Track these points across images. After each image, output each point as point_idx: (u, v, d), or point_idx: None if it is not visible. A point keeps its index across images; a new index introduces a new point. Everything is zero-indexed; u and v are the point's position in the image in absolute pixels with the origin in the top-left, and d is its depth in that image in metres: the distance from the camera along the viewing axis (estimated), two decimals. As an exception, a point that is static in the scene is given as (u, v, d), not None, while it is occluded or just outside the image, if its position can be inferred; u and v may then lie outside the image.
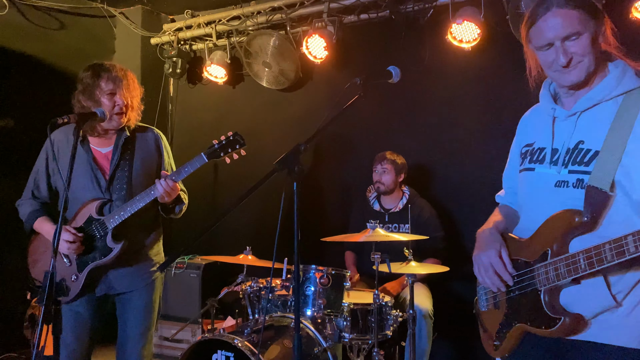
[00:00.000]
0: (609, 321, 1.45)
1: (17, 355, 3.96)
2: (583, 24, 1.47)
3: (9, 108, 4.16)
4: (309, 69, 4.57)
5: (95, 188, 2.52)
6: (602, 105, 1.51)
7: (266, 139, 4.85)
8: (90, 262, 2.46)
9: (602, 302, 1.44)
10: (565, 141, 1.55)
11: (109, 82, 2.50)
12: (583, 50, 1.49)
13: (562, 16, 1.48)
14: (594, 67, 1.51)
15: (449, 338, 3.91)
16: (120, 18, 4.96)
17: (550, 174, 1.56)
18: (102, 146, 2.60)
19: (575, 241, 1.46)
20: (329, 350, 2.83)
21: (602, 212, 1.44)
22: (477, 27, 3.67)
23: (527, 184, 1.67)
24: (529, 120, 1.80)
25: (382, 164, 3.74)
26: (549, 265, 1.48)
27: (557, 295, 1.48)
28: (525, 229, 1.64)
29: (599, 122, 1.49)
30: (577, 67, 1.51)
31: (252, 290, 3.14)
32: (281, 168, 1.76)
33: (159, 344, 4.45)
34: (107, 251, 2.46)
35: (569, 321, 1.43)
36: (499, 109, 3.90)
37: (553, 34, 1.49)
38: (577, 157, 1.51)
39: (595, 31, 1.49)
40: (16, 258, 4.08)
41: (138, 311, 2.61)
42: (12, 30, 4.24)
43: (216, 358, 2.70)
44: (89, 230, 2.48)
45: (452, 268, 3.16)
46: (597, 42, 1.50)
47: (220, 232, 4.76)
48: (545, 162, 1.60)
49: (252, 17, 4.56)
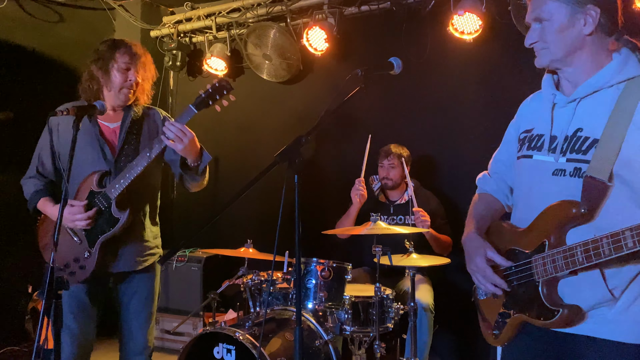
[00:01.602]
0: (605, 316, 1.44)
1: (18, 348, 3.97)
2: (551, 10, 1.49)
3: (10, 101, 4.14)
4: (309, 61, 4.55)
5: (102, 162, 2.46)
6: (602, 92, 1.48)
7: (266, 132, 4.85)
8: (100, 235, 2.40)
9: (597, 295, 1.43)
10: (564, 128, 1.53)
11: (125, 55, 2.46)
12: (546, 37, 1.51)
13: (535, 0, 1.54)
14: (563, 55, 1.51)
15: (450, 331, 3.91)
16: (120, 10, 4.94)
17: (548, 162, 1.54)
18: (110, 121, 2.54)
19: (572, 232, 1.45)
20: (330, 343, 2.84)
21: (599, 203, 1.42)
22: (478, 19, 3.64)
23: (524, 172, 1.65)
24: (530, 105, 1.77)
25: (389, 159, 3.70)
26: (546, 257, 1.47)
27: (555, 286, 1.47)
28: (523, 218, 1.62)
29: (599, 109, 1.46)
30: (539, 54, 1.56)
31: (253, 283, 3.14)
32: (282, 160, 1.75)
33: (160, 337, 4.46)
34: (114, 221, 2.40)
35: (567, 313, 1.43)
36: (500, 100, 3.88)
37: (528, 16, 1.57)
38: (575, 145, 1.48)
39: (573, 20, 1.48)
40: (18, 252, 4.10)
41: (140, 297, 2.58)
42: (10, 23, 4.22)
43: (217, 351, 2.71)
44: (93, 204, 2.41)
45: (453, 260, 3.16)
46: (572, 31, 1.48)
47: (221, 225, 4.75)
48: (543, 149, 1.57)
49: (252, 9, 4.53)
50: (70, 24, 4.67)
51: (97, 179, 2.43)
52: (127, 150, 2.49)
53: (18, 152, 4.17)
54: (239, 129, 4.95)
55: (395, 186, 3.75)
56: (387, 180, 3.73)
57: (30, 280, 4.01)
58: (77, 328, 2.45)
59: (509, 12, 3.56)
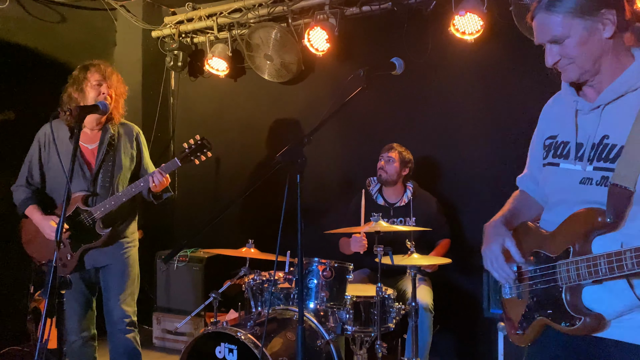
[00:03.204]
0: (634, 320, 1.42)
1: (20, 348, 3.97)
2: (567, 28, 1.45)
3: (10, 101, 4.15)
4: (310, 61, 4.56)
5: (81, 180, 2.89)
6: (627, 97, 1.45)
7: (268, 132, 4.85)
8: (83, 244, 2.88)
9: (626, 302, 1.41)
10: (590, 136, 1.49)
11: (96, 74, 2.85)
12: (569, 54, 1.48)
13: (544, 21, 1.49)
14: (591, 65, 1.47)
15: (451, 331, 3.92)
16: (121, 11, 4.94)
17: (576, 171, 1.52)
18: (89, 142, 2.95)
19: (598, 240, 1.43)
20: (332, 343, 2.84)
21: (625, 211, 1.39)
22: (480, 19, 3.64)
23: (551, 180, 1.63)
24: (552, 109, 1.73)
25: (389, 153, 3.70)
26: (570, 263, 1.45)
27: (579, 293, 1.45)
28: (550, 221, 1.61)
29: (624, 115, 1.43)
30: (566, 70, 1.52)
31: (254, 283, 3.15)
32: (284, 161, 1.75)
33: (161, 336, 4.47)
34: (97, 236, 2.89)
35: (589, 321, 1.42)
36: (501, 100, 3.89)
37: (539, 38, 1.53)
38: (602, 153, 1.46)
39: (591, 30, 1.44)
40: (19, 251, 4.10)
41: (118, 277, 3.01)
42: (12, 24, 4.23)
43: (219, 351, 2.71)
44: (78, 219, 2.87)
45: (454, 261, 3.17)
46: (594, 39, 1.45)
47: (223, 225, 4.75)
48: (570, 157, 1.54)
49: (254, 10, 4.53)
50: (72, 24, 4.67)
51: (83, 199, 2.87)
52: (104, 168, 2.93)
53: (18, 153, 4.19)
54: (240, 129, 4.95)
55: (389, 181, 3.72)
56: (382, 172, 3.70)
57: (32, 280, 4.01)
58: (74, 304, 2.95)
59: (510, 13, 3.56)
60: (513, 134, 3.82)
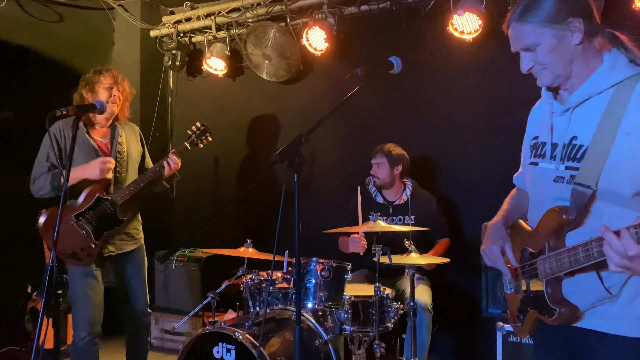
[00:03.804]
0: (608, 311, 1.51)
1: (18, 348, 3.96)
2: (538, 37, 1.55)
3: (8, 101, 4.14)
4: (309, 61, 4.55)
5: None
6: (593, 99, 1.54)
7: (266, 132, 4.85)
8: (106, 231, 3.07)
9: (596, 294, 1.50)
10: (562, 136, 1.60)
11: (108, 78, 3.11)
12: (541, 60, 1.57)
13: (517, 31, 1.60)
14: (563, 70, 1.56)
15: (449, 330, 3.91)
16: (119, 10, 4.93)
17: (550, 169, 1.62)
18: (102, 137, 3.19)
19: (570, 235, 1.53)
20: (330, 343, 2.83)
21: (588, 208, 1.49)
22: (478, 18, 3.64)
23: (531, 178, 1.74)
24: (537, 112, 1.83)
25: (376, 158, 3.71)
26: (546, 259, 1.55)
27: (558, 286, 1.55)
28: (533, 220, 1.72)
29: (591, 116, 1.52)
30: (540, 75, 1.61)
31: (253, 283, 3.14)
32: (282, 160, 1.75)
33: (159, 336, 4.46)
34: (118, 222, 3.12)
35: (564, 312, 1.52)
36: (499, 100, 3.89)
37: (514, 46, 1.64)
38: (571, 153, 1.55)
39: (560, 37, 1.53)
40: (17, 251, 4.09)
41: (136, 267, 3.27)
42: (10, 23, 4.22)
43: (217, 351, 2.71)
44: (100, 207, 3.05)
45: (452, 261, 3.16)
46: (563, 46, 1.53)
47: (221, 224, 4.75)
48: (546, 157, 1.65)
49: (252, 9, 4.53)
50: (70, 24, 4.66)
51: (103, 186, 3.06)
52: (119, 158, 3.17)
53: (17, 152, 4.19)
54: (238, 128, 4.95)
55: (384, 185, 3.73)
56: (375, 179, 3.73)
57: (30, 280, 4.01)
58: (93, 295, 3.07)
59: (508, 12, 3.55)
60: (512, 133, 3.81)
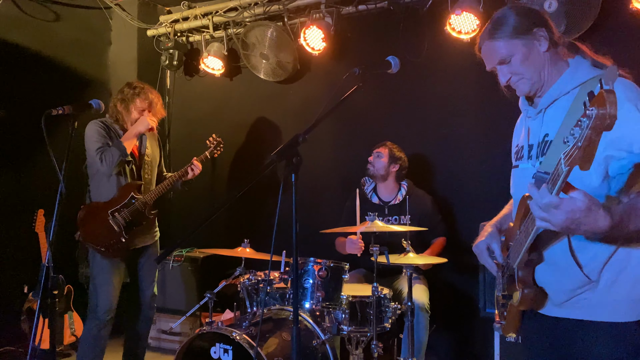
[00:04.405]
0: (590, 299, 1.55)
1: (14, 349, 3.95)
2: (509, 49, 1.65)
3: (4, 100, 4.12)
4: (306, 60, 4.55)
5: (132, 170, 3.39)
6: (561, 99, 1.64)
7: (264, 131, 4.84)
8: (135, 227, 3.37)
9: (575, 280, 1.55)
10: (536, 136, 1.70)
11: (145, 102, 3.37)
12: (517, 70, 1.67)
13: (489, 48, 1.71)
14: (538, 76, 1.67)
15: (447, 330, 3.91)
16: (116, 9, 4.92)
17: (528, 168, 1.71)
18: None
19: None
20: (328, 343, 2.83)
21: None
22: (476, 18, 3.64)
23: (513, 180, 1.85)
24: (518, 123, 1.97)
25: (379, 148, 3.75)
26: (514, 245, 1.62)
27: (530, 271, 1.60)
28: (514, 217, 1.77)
29: (558, 114, 1.61)
30: (518, 85, 1.71)
31: (250, 283, 3.14)
32: (279, 159, 1.74)
33: (157, 336, 4.45)
34: (146, 219, 3.44)
35: (527, 292, 1.57)
36: (496, 100, 3.86)
37: (489, 63, 1.75)
38: (543, 149, 1.64)
39: (530, 46, 1.64)
40: (13, 252, 4.08)
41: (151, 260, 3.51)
42: (7, 22, 4.20)
43: (214, 351, 2.70)
44: (132, 206, 3.33)
45: (450, 260, 3.16)
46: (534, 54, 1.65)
47: (218, 224, 4.74)
48: (524, 158, 1.75)
49: (249, 9, 4.52)
50: (67, 23, 4.64)
51: (137, 187, 3.38)
52: (146, 162, 3.49)
53: (12, 151, 4.18)
54: (236, 128, 4.93)
55: (376, 176, 3.75)
56: (370, 166, 3.75)
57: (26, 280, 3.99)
58: (114, 284, 3.33)
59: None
60: (508, 133, 3.81)
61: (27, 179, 4.18)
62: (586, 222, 1.28)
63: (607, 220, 1.29)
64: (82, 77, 4.77)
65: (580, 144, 1.15)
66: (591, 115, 1.12)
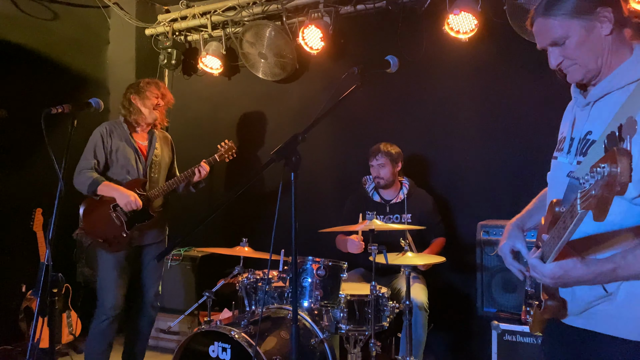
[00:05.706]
0: (607, 311, 1.45)
1: (12, 348, 3.95)
2: (566, 29, 1.47)
3: (3, 99, 4.11)
4: (305, 59, 4.55)
5: (138, 168, 3.46)
6: (614, 94, 1.47)
7: (262, 131, 4.84)
8: (137, 223, 3.40)
9: (592, 292, 1.46)
10: (580, 130, 1.54)
11: (156, 90, 3.50)
12: (571, 54, 1.49)
13: (543, 26, 1.51)
14: (594, 63, 1.48)
15: (445, 329, 3.92)
16: (115, 8, 4.91)
17: (566, 164, 1.57)
18: (141, 140, 3.56)
19: None
20: (326, 342, 2.83)
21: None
22: (474, 18, 3.65)
23: (551, 172, 1.71)
24: (568, 108, 1.77)
25: (378, 158, 3.67)
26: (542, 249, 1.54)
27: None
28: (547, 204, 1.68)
29: (607, 112, 1.45)
30: (569, 71, 1.53)
31: (248, 282, 3.14)
32: (278, 158, 1.74)
33: (155, 335, 4.45)
34: (149, 216, 3.44)
35: (550, 304, 1.53)
36: (495, 99, 3.90)
37: (540, 42, 1.55)
38: (583, 148, 1.50)
39: (589, 28, 1.46)
40: (11, 251, 4.07)
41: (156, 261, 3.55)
42: (5, 21, 4.19)
43: (213, 350, 2.70)
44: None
45: (448, 260, 3.17)
46: (593, 38, 1.46)
47: (216, 223, 4.74)
48: (563, 151, 1.60)
49: (248, 8, 4.52)
50: (65, 21, 4.64)
51: (141, 184, 3.43)
52: (154, 161, 3.54)
53: (12, 150, 4.17)
54: (234, 127, 4.94)
55: (388, 184, 3.73)
56: (379, 180, 3.70)
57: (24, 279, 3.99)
58: (120, 280, 3.37)
59: (504, 12, 3.57)
60: (507, 132, 3.83)
61: (26, 178, 4.17)
62: (570, 283, 1.39)
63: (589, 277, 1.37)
64: (80, 76, 4.76)
65: (594, 193, 1.06)
66: (602, 173, 1.02)
